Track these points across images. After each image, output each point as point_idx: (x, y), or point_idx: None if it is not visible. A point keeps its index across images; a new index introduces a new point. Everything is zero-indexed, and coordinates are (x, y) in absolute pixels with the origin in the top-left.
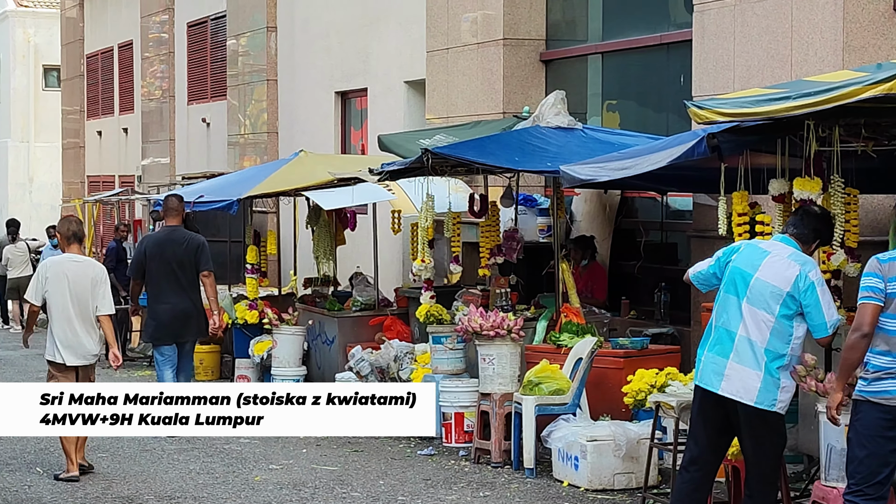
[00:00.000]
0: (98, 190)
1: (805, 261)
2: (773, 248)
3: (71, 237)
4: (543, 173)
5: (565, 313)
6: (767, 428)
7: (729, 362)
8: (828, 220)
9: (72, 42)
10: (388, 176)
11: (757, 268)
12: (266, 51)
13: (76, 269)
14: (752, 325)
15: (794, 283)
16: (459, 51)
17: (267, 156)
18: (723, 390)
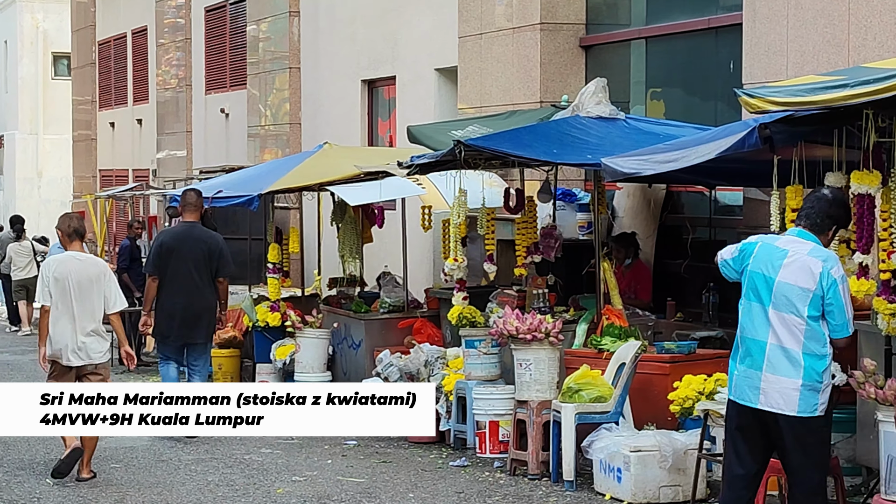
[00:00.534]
0: (111, 185)
1: (827, 256)
2: (791, 245)
3: (72, 234)
4: (583, 166)
5: (607, 315)
6: (813, 435)
7: (763, 374)
8: (841, 203)
9: (83, 28)
10: (418, 169)
11: (778, 269)
12: (288, 37)
13: (79, 267)
14: (783, 332)
15: (819, 280)
16: (494, 36)
17: (289, 148)
18: (762, 404)
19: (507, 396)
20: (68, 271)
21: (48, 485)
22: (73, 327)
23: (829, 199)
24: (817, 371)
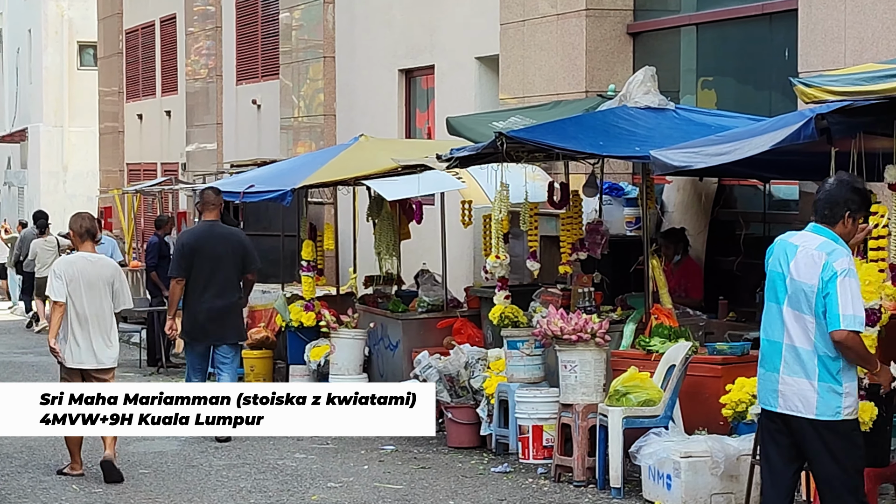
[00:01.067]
0: (138, 179)
1: (832, 250)
2: (803, 240)
3: (84, 234)
4: (631, 159)
5: (656, 315)
6: (842, 440)
7: (780, 377)
8: (847, 186)
9: (109, 16)
10: (458, 163)
11: (789, 266)
12: (322, 25)
13: (91, 269)
14: (797, 331)
15: (821, 273)
16: (537, 23)
17: (323, 141)
18: (781, 408)
19: (551, 400)
20: (79, 272)
21: (74, 491)
22: (82, 329)
23: (837, 184)
24: (832, 372)
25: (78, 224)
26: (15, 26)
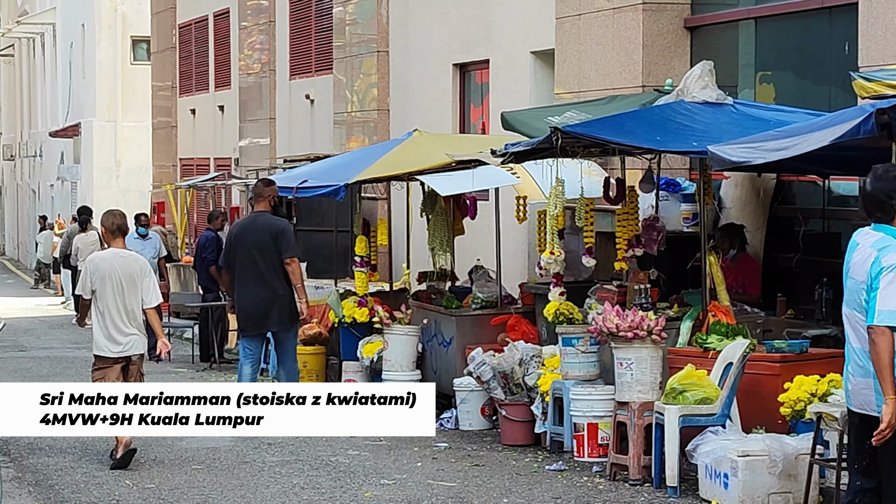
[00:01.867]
0: (191, 174)
1: (885, 245)
2: (863, 238)
3: (115, 231)
4: (688, 154)
5: (713, 312)
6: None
7: (849, 376)
8: (884, 177)
9: (163, 11)
10: (513, 158)
11: (848, 265)
12: (376, 19)
13: (122, 264)
14: (852, 331)
15: (869, 270)
16: (593, 16)
17: (377, 136)
18: (853, 406)
19: (606, 397)
20: (112, 268)
21: (127, 486)
22: (115, 322)
23: (878, 177)
24: None
25: (109, 221)
26: (68, 21)
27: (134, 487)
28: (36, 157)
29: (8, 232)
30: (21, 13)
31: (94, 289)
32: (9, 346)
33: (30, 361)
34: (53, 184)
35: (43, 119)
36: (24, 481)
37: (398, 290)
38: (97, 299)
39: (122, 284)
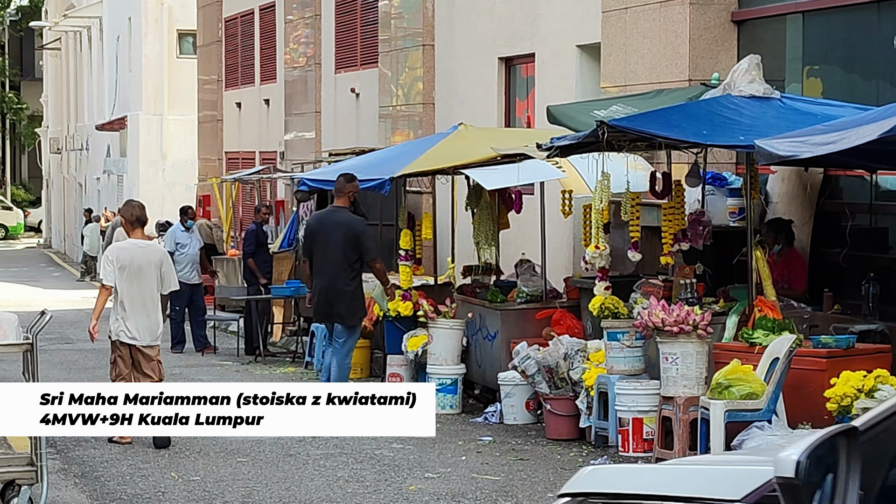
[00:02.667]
0: (237, 167)
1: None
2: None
3: (135, 222)
4: (735, 148)
5: (759, 307)
6: None
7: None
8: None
9: (209, 4)
10: (558, 152)
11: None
12: (422, 13)
13: (141, 254)
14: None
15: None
16: (639, 10)
17: (422, 129)
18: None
19: (651, 392)
20: (131, 257)
21: (173, 479)
22: (133, 309)
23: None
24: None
25: (129, 213)
26: (115, 15)
27: (179, 479)
28: (82, 151)
29: (54, 225)
30: (68, 7)
31: (116, 277)
32: (55, 338)
33: (76, 353)
34: (100, 177)
35: (89, 112)
36: (70, 473)
37: (443, 284)
38: (116, 288)
39: (141, 273)
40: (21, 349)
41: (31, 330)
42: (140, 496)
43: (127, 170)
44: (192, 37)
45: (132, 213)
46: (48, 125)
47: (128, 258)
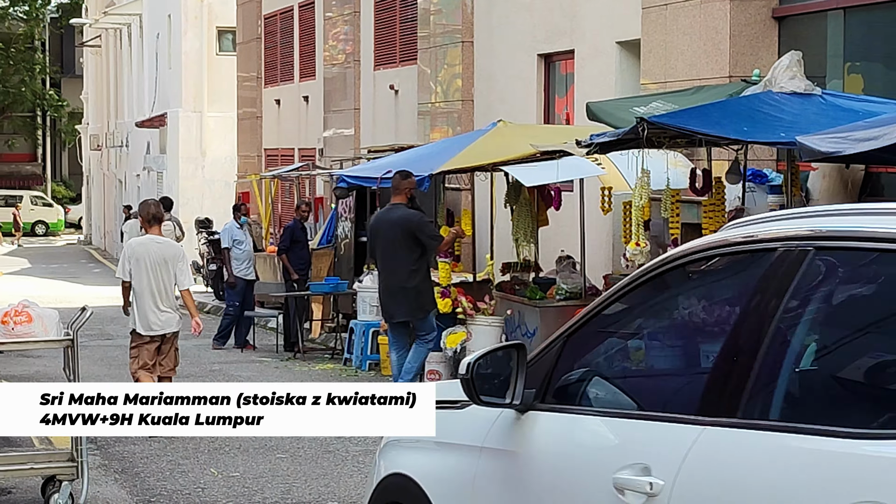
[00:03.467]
0: (276, 164)
1: None
2: None
3: (151, 219)
4: (776, 145)
5: None
6: None
7: None
8: None
9: (248, 1)
10: (598, 148)
11: None
12: (461, 9)
13: (157, 249)
14: None
15: None
16: (679, 7)
17: (461, 126)
18: None
19: None
20: (147, 252)
21: (212, 475)
22: (152, 302)
23: None
24: None
25: (145, 211)
26: (155, 12)
27: (219, 475)
28: (122, 147)
29: (94, 221)
30: (108, 4)
31: (131, 271)
32: (95, 334)
33: (116, 349)
34: (139, 174)
35: (129, 109)
36: (111, 469)
37: (481, 281)
38: (134, 281)
39: (157, 267)
40: (62, 345)
41: (71, 326)
42: (180, 492)
43: (166, 166)
44: (231, 34)
45: (148, 210)
46: (88, 122)
47: (143, 252)
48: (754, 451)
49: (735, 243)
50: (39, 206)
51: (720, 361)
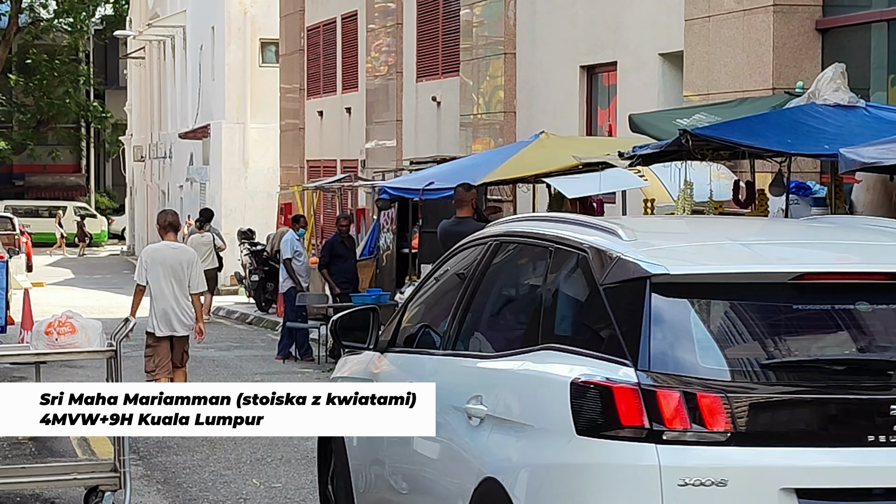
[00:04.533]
0: (318, 176)
1: None
2: None
3: (167, 227)
4: (820, 157)
5: None
6: None
7: None
8: None
9: (291, 13)
10: (640, 160)
11: None
12: (503, 21)
13: (172, 254)
14: None
15: None
16: (723, 18)
17: (503, 138)
18: None
19: None
20: (163, 258)
21: (254, 486)
22: (167, 304)
23: None
24: None
25: (163, 219)
26: (198, 24)
27: (261, 486)
28: (165, 159)
29: (138, 232)
30: (152, 16)
31: (148, 276)
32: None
33: None
34: (182, 185)
35: (173, 121)
36: (153, 479)
37: None
38: (150, 286)
39: (171, 273)
40: (105, 356)
41: (114, 337)
42: (222, 502)
43: (209, 178)
44: (274, 46)
45: (165, 219)
46: (132, 133)
47: (159, 258)
48: (451, 367)
49: (481, 236)
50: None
51: (449, 314)
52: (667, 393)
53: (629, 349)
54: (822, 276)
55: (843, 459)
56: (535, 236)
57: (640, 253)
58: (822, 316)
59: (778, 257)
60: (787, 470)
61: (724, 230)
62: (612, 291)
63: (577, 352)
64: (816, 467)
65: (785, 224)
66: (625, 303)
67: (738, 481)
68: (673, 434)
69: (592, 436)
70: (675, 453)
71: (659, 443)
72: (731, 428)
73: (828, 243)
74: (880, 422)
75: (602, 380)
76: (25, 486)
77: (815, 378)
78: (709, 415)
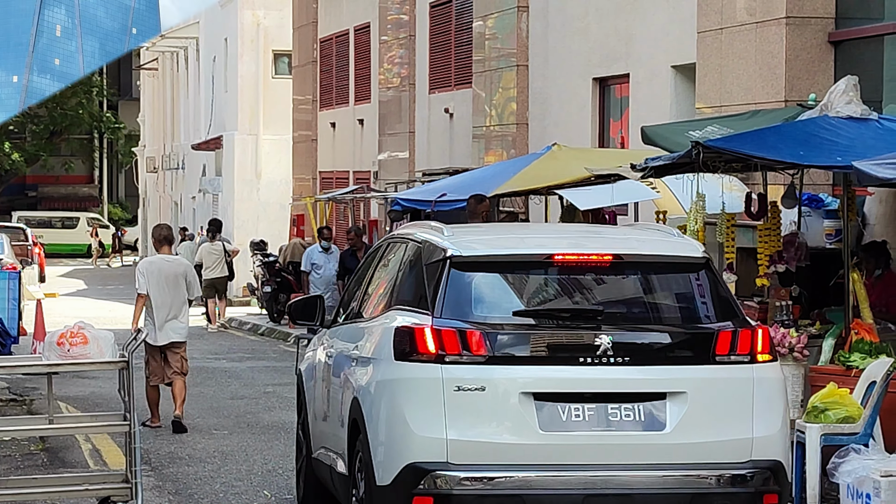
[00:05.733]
0: (331, 187)
1: None
2: None
3: (162, 240)
4: (832, 169)
5: (856, 330)
6: None
7: None
8: None
9: (304, 25)
10: (653, 172)
11: None
12: (516, 33)
13: (167, 267)
14: None
15: None
16: (735, 31)
17: (515, 150)
18: None
19: None
20: (158, 270)
21: (266, 497)
22: (161, 314)
23: None
24: None
25: (158, 233)
26: (211, 35)
27: (272, 498)
28: (178, 170)
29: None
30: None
31: (148, 287)
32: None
33: None
34: (195, 196)
35: (186, 132)
36: (165, 490)
37: None
38: (148, 296)
39: (167, 284)
40: (117, 367)
41: (126, 348)
42: None
43: (222, 189)
44: (287, 57)
45: (160, 233)
46: (145, 144)
47: (155, 270)
48: (350, 330)
49: (384, 238)
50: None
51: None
52: (448, 331)
53: (431, 304)
54: (561, 257)
55: (564, 374)
56: (403, 236)
57: (449, 242)
58: (561, 282)
59: (537, 245)
60: (526, 380)
61: (520, 231)
62: (429, 267)
63: (407, 310)
64: (546, 378)
65: (564, 227)
66: (434, 275)
67: (492, 387)
68: (451, 357)
69: (404, 360)
70: (452, 370)
71: (442, 363)
72: (487, 353)
73: (577, 237)
74: (588, 348)
75: (410, 325)
76: (37, 496)
77: (547, 321)
78: (474, 345)
